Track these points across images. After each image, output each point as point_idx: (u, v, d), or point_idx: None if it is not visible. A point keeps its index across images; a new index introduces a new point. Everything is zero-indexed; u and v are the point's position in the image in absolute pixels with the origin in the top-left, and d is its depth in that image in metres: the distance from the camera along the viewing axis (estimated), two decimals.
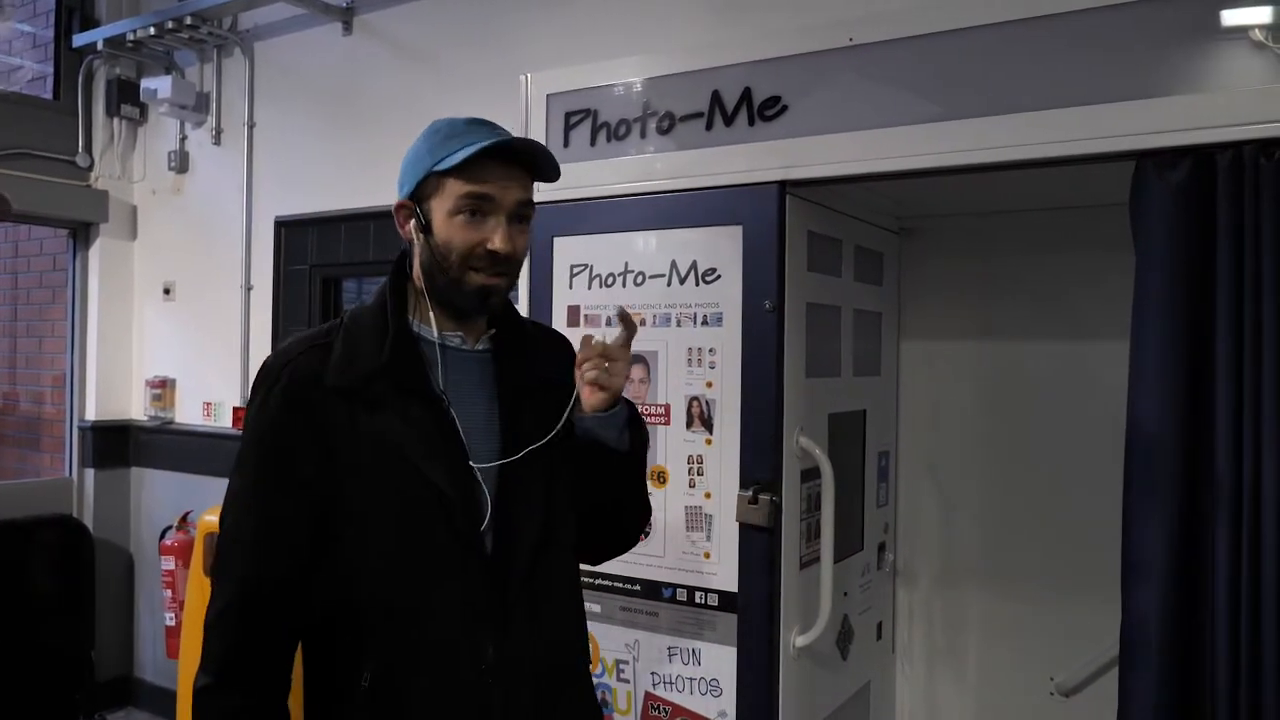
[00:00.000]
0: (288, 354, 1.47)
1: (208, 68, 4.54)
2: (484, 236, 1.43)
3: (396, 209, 1.50)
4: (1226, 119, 1.70)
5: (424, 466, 1.40)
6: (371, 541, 1.42)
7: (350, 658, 1.41)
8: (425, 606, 1.42)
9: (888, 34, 2.03)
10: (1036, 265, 2.69)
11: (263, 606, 1.42)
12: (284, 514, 1.42)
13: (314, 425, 1.41)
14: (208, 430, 4.46)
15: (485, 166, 1.42)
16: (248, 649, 1.42)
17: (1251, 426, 1.67)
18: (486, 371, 1.53)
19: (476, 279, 1.44)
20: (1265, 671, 1.65)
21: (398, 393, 1.43)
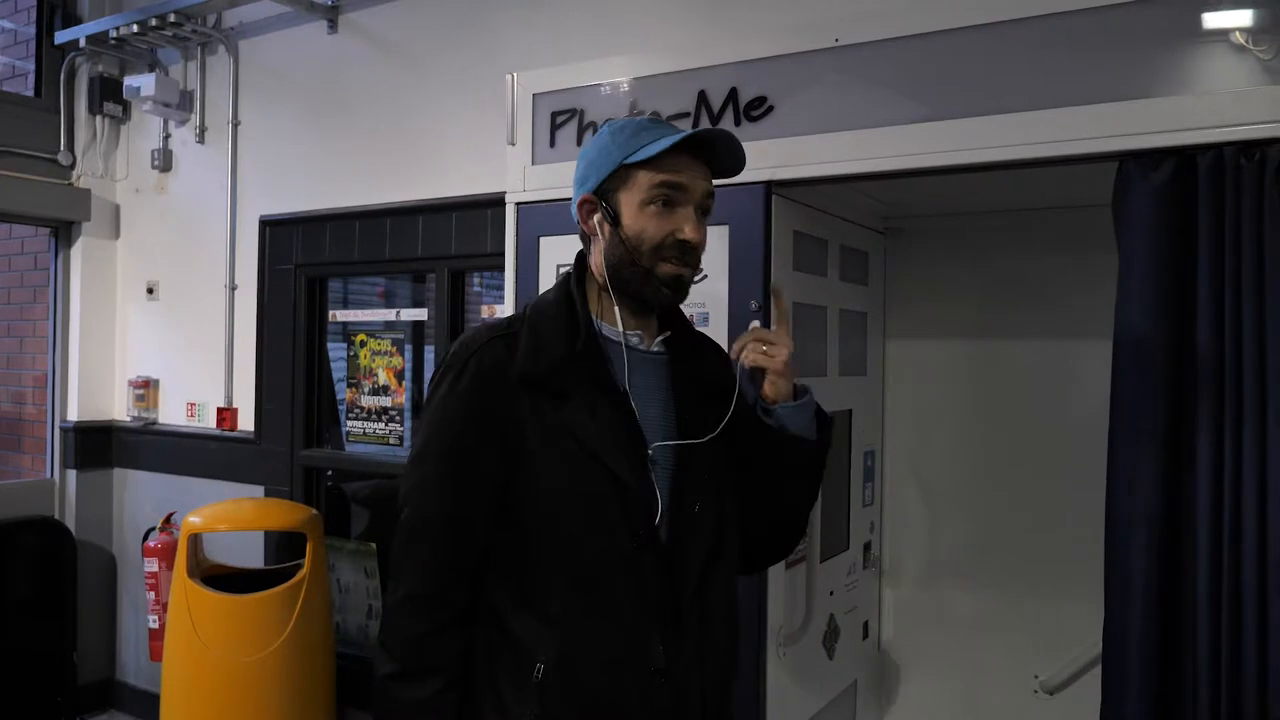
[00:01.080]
0: (475, 342, 1.49)
1: (191, 65, 4.51)
2: (675, 225, 1.46)
3: (580, 204, 1.53)
4: (1207, 121, 1.71)
5: (607, 458, 1.43)
6: (548, 533, 1.44)
7: (523, 650, 1.43)
8: (599, 601, 1.43)
9: (873, 35, 2.04)
10: (1022, 265, 2.71)
11: (447, 595, 1.46)
12: (469, 501, 1.46)
13: (499, 414, 1.44)
14: (191, 431, 4.44)
15: (677, 158, 1.46)
16: (433, 637, 1.45)
17: (1233, 426, 1.68)
18: (661, 373, 1.56)
19: (668, 269, 1.47)
20: (1245, 673, 1.66)
21: (584, 385, 1.45)
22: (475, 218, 3.53)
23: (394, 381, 3.94)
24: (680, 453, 1.50)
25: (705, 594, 1.49)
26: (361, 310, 4.16)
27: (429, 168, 3.72)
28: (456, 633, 1.47)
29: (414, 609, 1.46)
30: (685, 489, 1.49)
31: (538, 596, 1.44)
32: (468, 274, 3.74)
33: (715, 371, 1.60)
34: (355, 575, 4.01)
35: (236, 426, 4.27)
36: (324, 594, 3.59)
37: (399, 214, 3.77)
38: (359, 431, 4.05)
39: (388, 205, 3.80)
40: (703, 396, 1.55)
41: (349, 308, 4.20)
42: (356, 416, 4.05)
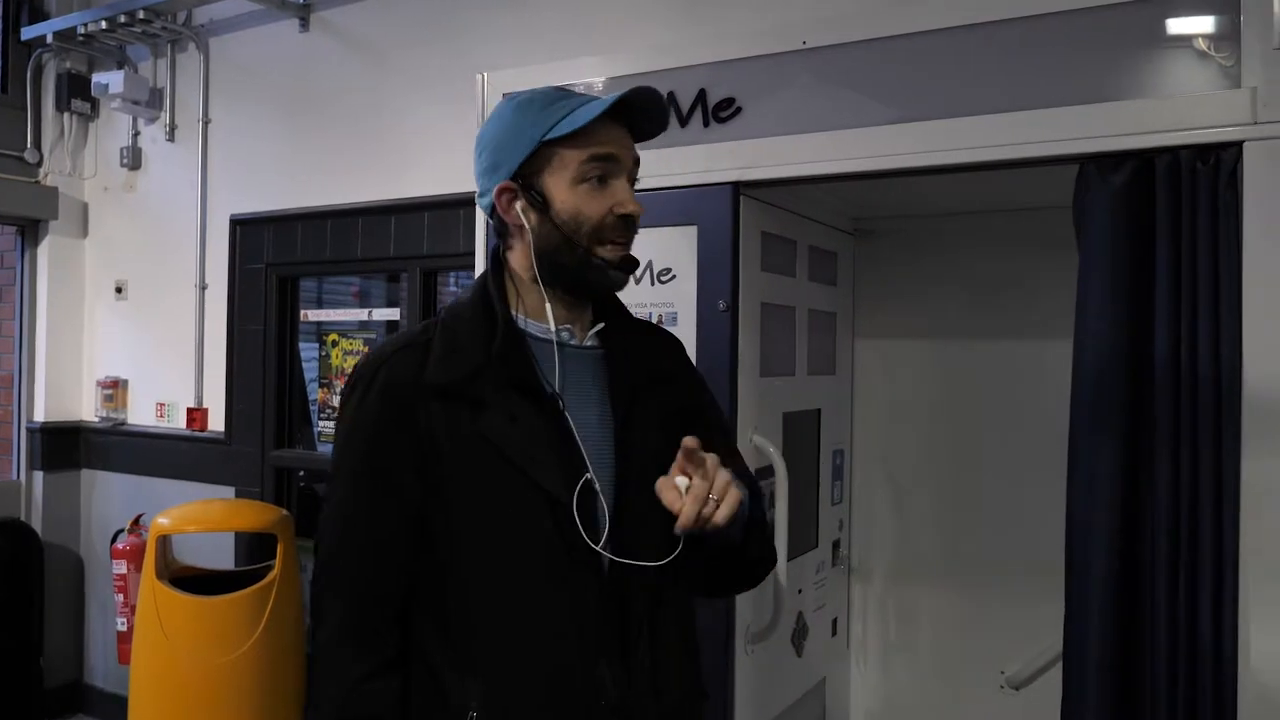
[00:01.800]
0: (381, 355, 1.37)
1: (161, 63, 4.48)
2: (614, 200, 1.33)
3: (498, 193, 1.36)
4: (1164, 125, 1.73)
5: (534, 472, 1.28)
6: (475, 556, 1.31)
7: (456, 686, 1.29)
8: (536, 630, 1.30)
9: (840, 38, 2.05)
10: (991, 266, 2.73)
11: (379, 632, 1.32)
12: (388, 526, 1.33)
13: (411, 430, 1.30)
14: (161, 431, 4.40)
15: (601, 129, 1.33)
16: (370, 680, 1.30)
17: (1189, 425, 1.70)
18: (597, 370, 1.40)
19: (611, 251, 1.34)
20: (1200, 671, 1.69)
21: (505, 391, 1.31)
22: (447, 217, 3.53)
23: None
24: (622, 460, 1.36)
25: (657, 616, 1.36)
26: (334, 310, 4.14)
27: (401, 167, 3.71)
28: (394, 675, 1.32)
29: (346, 651, 1.31)
30: (630, 500, 1.34)
31: (462, 634, 1.30)
32: (441, 274, 3.73)
33: (658, 362, 1.46)
34: None
35: (207, 427, 4.24)
36: (295, 595, 3.57)
37: (371, 213, 3.76)
38: (331, 432, 4.03)
39: (359, 204, 3.79)
40: (644, 393, 1.40)
41: (324, 307, 4.18)
42: (329, 417, 4.04)
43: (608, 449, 1.36)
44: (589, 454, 1.33)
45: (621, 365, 1.41)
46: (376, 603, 1.33)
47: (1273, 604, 1.64)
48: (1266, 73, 1.68)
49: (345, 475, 1.37)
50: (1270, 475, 1.64)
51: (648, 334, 1.52)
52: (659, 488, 1.25)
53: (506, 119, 1.38)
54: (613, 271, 1.35)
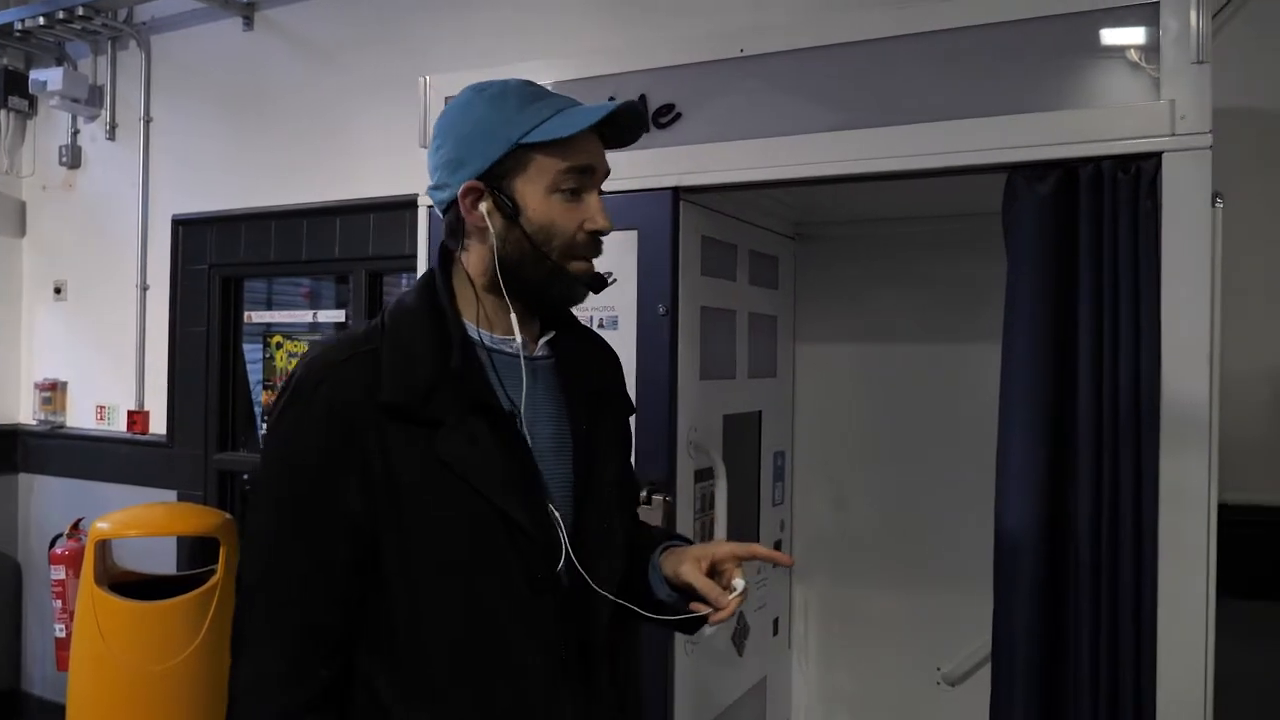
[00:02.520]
0: (324, 365, 1.23)
1: (101, 60, 4.41)
2: (586, 215, 1.27)
3: (464, 192, 1.26)
4: (1088, 135, 1.78)
5: (495, 497, 1.20)
6: (431, 583, 1.21)
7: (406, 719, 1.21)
8: (495, 657, 1.22)
9: (777, 46, 2.08)
10: (930, 270, 2.78)
11: (305, 670, 1.20)
12: (325, 552, 1.20)
13: (359, 450, 1.18)
14: (101, 434, 4.33)
15: (582, 137, 1.25)
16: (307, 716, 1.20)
17: (1110, 428, 1.75)
18: (549, 381, 1.33)
19: (582, 265, 1.28)
20: (1121, 663, 1.74)
21: (461, 409, 1.21)
22: (393, 219, 3.51)
23: None
24: (582, 478, 1.31)
25: (614, 641, 1.33)
26: (280, 311, 4.10)
27: (347, 168, 3.69)
28: (320, 715, 1.21)
29: (265, 691, 1.19)
30: (588, 522, 1.29)
31: (414, 665, 1.22)
32: (389, 275, 3.72)
33: (606, 377, 1.44)
34: None
35: (148, 430, 4.18)
36: None
37: (316, 214, 3.74)
38: None
39: (304, 205, 3.77)
40: (598, 406, 1.36)
41: (274, 308, 4.14)
42: None
43: (564, 466, 1.31)
44: (546, 472, 1.28)
45: (575, 378, 1.35)
46: (307, 642, 1.20)
47: (1188, 600, 1.69)
48: (1185, 86, 1.73)
49: (277, 499, 1.24)
50: (1186, 475, 1.70)
51: (592, 343, 1.46)
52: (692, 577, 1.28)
53: (477, 112, 1.27)
54: (581, 288, 1.29)
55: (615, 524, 1.35)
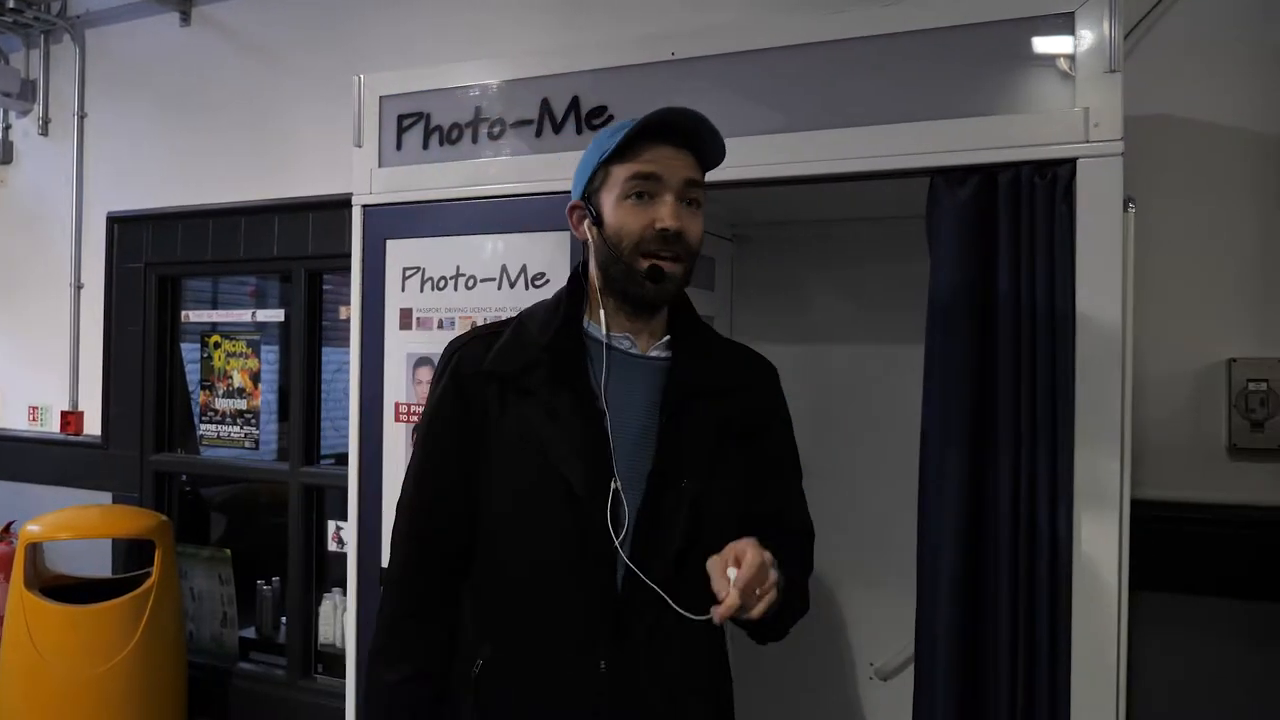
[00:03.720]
0: (458, 341, 1.54)
1: (34, 54, 4.33)
2: (654, 216, 1.42)
3: (569, 211, 1.54)
4: (1007, 141, 1.82)
5: (561, 464, 1.39)
6: (507, 533, 1.45)
7: (471, 641, 1.48)
8: (543, 606, 1.43)
9: (708, 50, 2.10)
10: (867, 272, 2.80)
11: (424, 579, 1.51)
12: (442, 491, 1.49)
13: (470, 410, 1.46)
14: (33, 435, 4.25)
15: (650, 148, 1.44)
16: (409, 619, 1.50)
17: (1028, 428, 1.79)
18: (654, 380, 1.48)
19: (645, 262, 1.42)
20: (1038, 657, 1.79)
21: (551, 383, 1.43)
22: (333, 218, 3.49)
23: (249, 384, 3.86)
24: (660, 464, 1.42)
25: (664, 618, 1.37)
26: (216, 311, 4.05)
27: (285, 166, 3.66)
28: (434, 623, 1.50)
29: (396, 589, 1.52)
30: (656, 504, 1.41)
31: (486, 595, 1.47)
32: (329, 274, 3.69)
33: (722, 379, 1.51)
34: (209, 582, 3.91)
35: (82, 431, 4.11)
36: (174, 602, 3.49)
37: (254, 213, 3.70)
38: (214, 435, 3.94)
39: (242, 204, 3.73)
40: (696, 406, 1.46)
41: (219, 307, 4.08)
42: (211, 420, 3.95)
43: (644, 454, 1.43)
44: (624, 457, 1.42)
45: (678, 375, 1.48)
46: (427, 557, 1.50)
47: (1099, 597, 1.74)
48: (1098, 94, 1.78)
49: (419, 442, 1.55)
50: (1098, 476, 1.75)
51: (723, 354, 1.58)
52: (710, 566, 1.29)
53: (589, 145, 1.53)
54: (646, 281, 1.42)
55: (681, 522, 1.41)
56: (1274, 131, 2.37)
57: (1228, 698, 2.38)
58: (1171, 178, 2.42)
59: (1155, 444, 2.40)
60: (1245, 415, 2.37)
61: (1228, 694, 2.38)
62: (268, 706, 3.68)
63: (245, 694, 3.73)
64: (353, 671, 2.42)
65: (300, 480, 3.63)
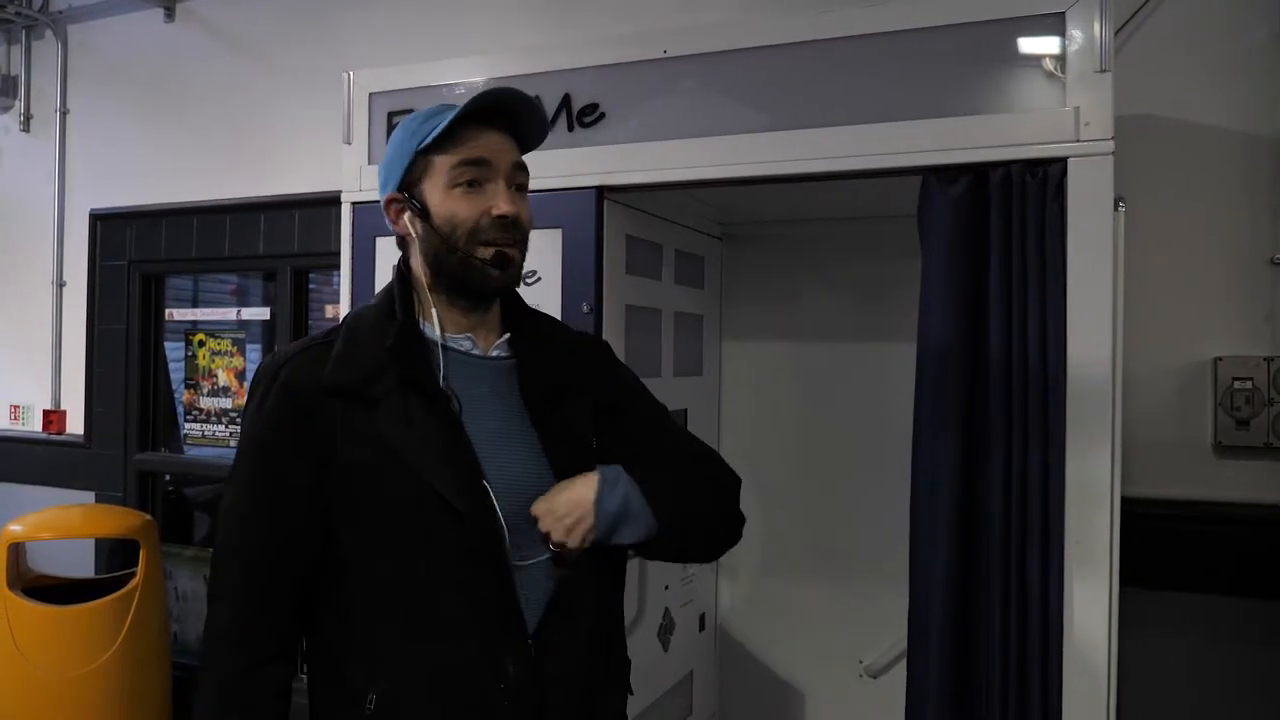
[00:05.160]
0: (283, 356, 1.40)
1: (15, 49, 4.30)
2: (489, 203, 1.37)
3: (386, 205, 1.44)
4: (998, 140, 1.83)
5: (428, 476, 1.31)
6: (377, 556, 1.33)
7: (356, 680, 1.33)
8: (433, 626, 1.32)
9: (700, 48, 2.10)
10: (855, 270, 2.82)
11: (261, 630, 1.35)
12: (281, 527, 1.35)
13: (309, 430, 1.33)
14: (14, 435, 4.21)
15: (473, 135, 1.38)
16: (246, 676, 1.34)
17: (1020, 423, 1.80)
18: (503, 380, 1.44)
19: (485, 251, 1.37)
20: (1029, 652, 1.80)
21: (400, 392, 1.34)
22: (319, 216, 3.47)
23: (234, 382, 3.83)
24: (539, 470, 1.40)
25: (564, 602, 1.37)
26: (203, 309, 4.02)
27: (271, 164, 3.64)
28: (274, 670, 1.36)
29: (227, 645, 1.35)
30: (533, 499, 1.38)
31: (363, 627, 1.34)
32: (316, 272, 3.67)
33: (571, 373, 1.49)
34: (194, 582, 3.88)
35: (65, 430, 4.08)
36: (159, 602, 3.46)
37: (239, 210, 3.68)
38: (198, 434, 3.92)
39: (227, 201, 3.70)
40: (558, 401, 1.44)
41: (201, 306, 4.05)
42: (195, 419, 3.92)
43: (506, 456, 1.38)
44: (485, 459, 1.36)
45: (533, 376, 1.44)
46: (264, 603, 1.36)
47: (1092, 590, 1.75)
48: (1089, 93, 1.79)
49: (241, 478, 1.39)
50: (1089, 471, 1.75)
51: (561, 344, 1.53)
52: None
53: (395, 138, 1.44)
54: (491, 270, 1.38)
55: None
56: (1262, 131, 2.39)
57: (1216, 693, 2.40)
58: (1160, 177, 2.44)
59: (1142, 441, 2.41)
60: (1231, 413, 2.39)
61: (1216, 689, 2.40)
62: None
63: None
64: None
65: None
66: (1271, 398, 2.36)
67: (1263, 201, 2.39)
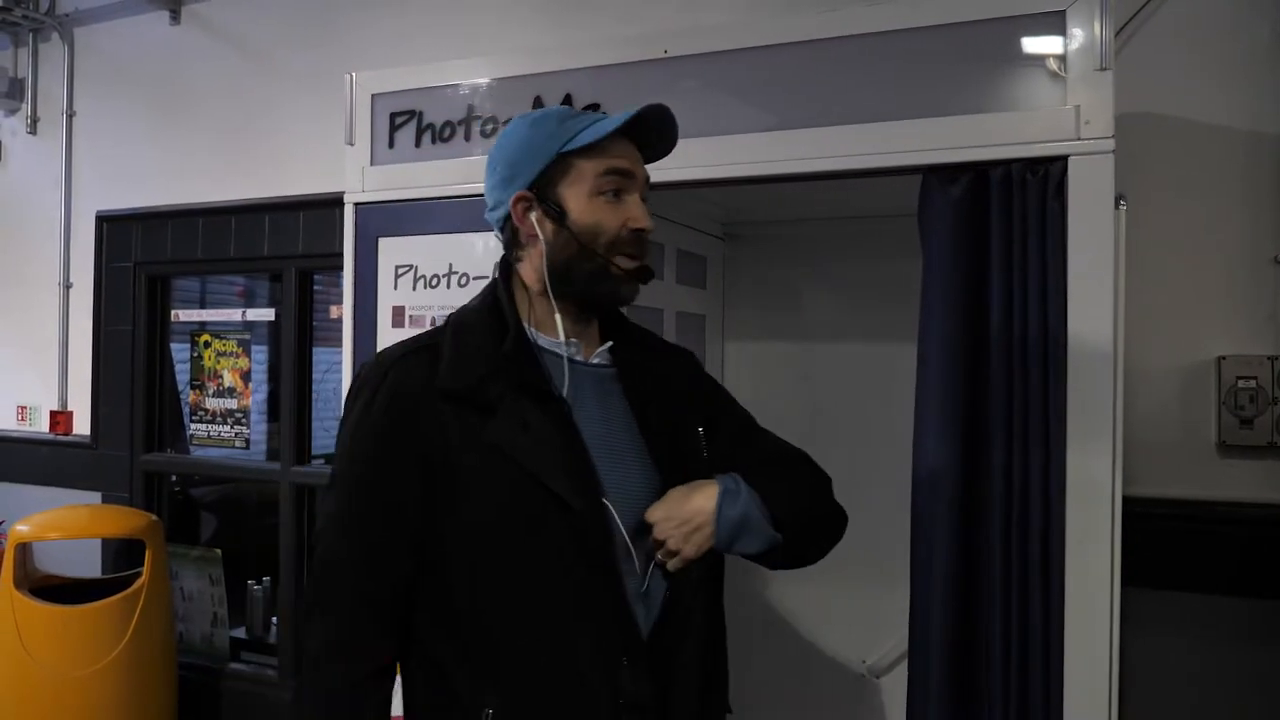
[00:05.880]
0: (389, 359, 1.36)
1: (22, 52, 4.32)
2: (628, 215, 1.36)
3: (514, 202, 1.38)
4: (999, 139, 1.83)
5: (546, 479, 1.27)
6: (490, 564, 1.29)
7: (466, 692, 1.28)
8: (551, 634, 1.28)
9: (700, 48, 2.10)
10: (858, 270, 2.81)
11: (367, 643, 1.31)
12: (388, 536, 1.31)
13: (419, 436, 1.29)
14: (22, 435, 4.23)
15: (616, 143, 1.37)
16: (352, 690, 1.30)
17: (1021, 419, 1.80)
18: (605, 387, 1.41)
19: (627, 263, 1.36)
20: (1031, 651, 1.79)
21: (514, 397, 1.30)
22: (324, 217, 3.48)
23: (240, 383, 3.85)
24: (648, 477, 1.38)
25: (681, 619, 1.35)
26: (207, 310, 4.04)
27: (276, 165, 3.65)
28: (378, 684, 1.32)
29: (333, 658, 1.30)
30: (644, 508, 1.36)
31: (474, 636, 1.29)
32: (320, 273, 3.68)
33: (673, 381, 1.48)
34: (200, 582, 3.89)
35: (72, 430, 4.09)
36: (164, 603, 3.48)
37: (244, 212, 3.69)
38: (204, 435, 3.93)
39: (232, 203, 3.72)
40: (664, 408, 1.43)
41: (207, 307, 4.07)
42: (201, 419, 3.94)
43: (616, 467, 1.36)
44: (598, 462, 1.33)
45: (642, 382, 1.43)
46: (371, 614, 1.32)
47: (1093, 590, 1.75)
48: (1089, 91, 1.79)
49: (346, 483, 1.35)
50: (1089, 470, 1.75)
51: (659, 353, 1.53)
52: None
53: (521, 134, 1.40)
54: (627, 284, 1.37)
55: None
56: (1264, 129, 2.38)
57: (1218, 693, 2.39)
58: (1162, 175, 2.43)
59: (1145, 441, 2.41)
60: (1234, 412, 2.38)
61: (1218, 689, 2.39)
62: (258, 707, 3.66)
63: (236, 694, 3.72)
64: None
65: (291, 480, 3.62)
66: (1275, 397, 2.35)
67: (1266, 200, 2.38)
